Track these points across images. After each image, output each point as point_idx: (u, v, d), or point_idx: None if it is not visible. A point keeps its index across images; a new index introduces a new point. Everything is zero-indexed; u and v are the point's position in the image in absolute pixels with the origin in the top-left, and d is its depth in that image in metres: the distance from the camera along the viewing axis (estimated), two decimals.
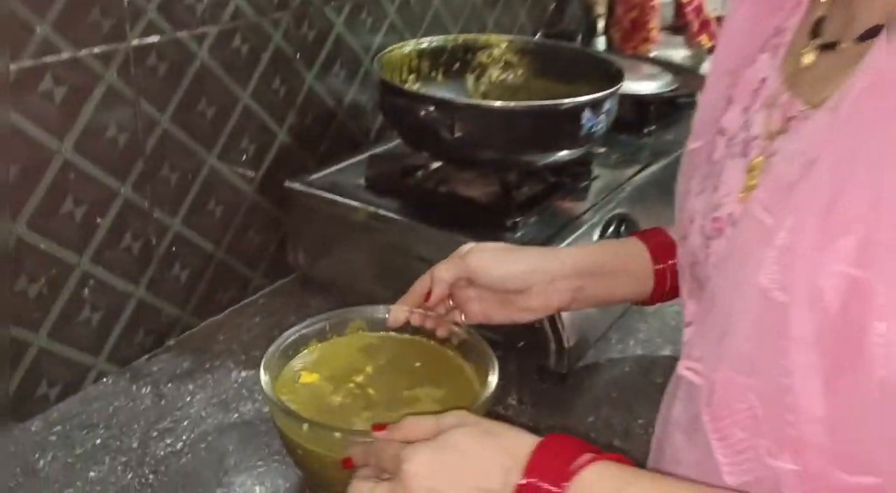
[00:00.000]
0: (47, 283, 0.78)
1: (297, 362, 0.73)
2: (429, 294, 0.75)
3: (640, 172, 1.03)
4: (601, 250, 0.77)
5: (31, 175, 0.74)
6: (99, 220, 0.81)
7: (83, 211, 0.79)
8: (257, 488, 0.73)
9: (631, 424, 0.81)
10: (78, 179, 0.78)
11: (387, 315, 0.76)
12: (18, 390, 0.78)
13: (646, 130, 1.16)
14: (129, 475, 0.74)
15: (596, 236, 0.89)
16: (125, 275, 0.85)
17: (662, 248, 0.73)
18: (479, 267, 0.72)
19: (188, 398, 0.84)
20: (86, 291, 0.82)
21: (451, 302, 0.77)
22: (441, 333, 0.76)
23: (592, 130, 0.89)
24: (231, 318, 0.98)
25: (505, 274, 0.72)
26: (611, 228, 0.91)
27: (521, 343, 0.85)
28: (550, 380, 0.87)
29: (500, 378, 0.68)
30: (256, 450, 0.77)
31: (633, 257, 0.74)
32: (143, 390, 0.85)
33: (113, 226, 0.82)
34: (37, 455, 0.76)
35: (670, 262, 0.73)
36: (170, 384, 0.86)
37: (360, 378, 0.72)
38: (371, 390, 0.70)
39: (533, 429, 0.53)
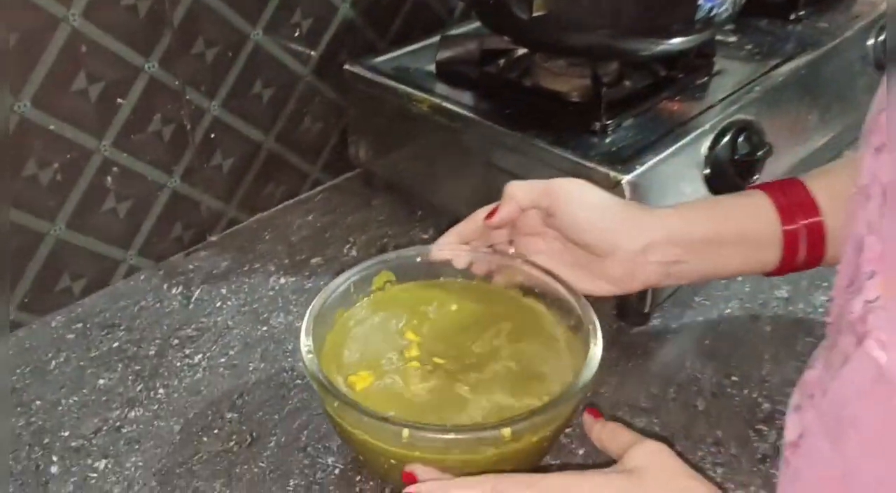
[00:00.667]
0: (61, 169, 0.70)
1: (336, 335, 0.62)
2: (491, 213, 0.61)
3: (777, 67, 0.83)
4: (710, 210, 0.60)
5: (35, 44, 0.65)
6: (120, 100, 0.71)
7: (99, 89, 0.69)
8: (276, 421, 0.64)
9: (722, 382, 0.67)
10: (91, 51, 0.68)
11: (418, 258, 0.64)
12: (37, 282, 0.72)
13: (793, 16, 0.94)
14: (139, 387, 0.67)
15: (705, 148, 0.72)
16: (155, 163, 0.76)
17: (796, 204, 0.57)
18: (565, 197, 0.58)
19: (218, 304, 0.76)
20: (108, 179, 0.74)
21: (512, 250, 0.64)
22: (499, 279, 0.64)
23: (713, 13, 0.70)
24: (282, 215, 0.88)
25: (592, 219, 0.58)
26: (725, 138, 0.73)
27: None
28: (630, 319, 0.73)
29: None
30: (278, 373, 0.68)
31: (754, 214, 0.58)
32: (174, 290, 0.78)
33: (137, 107, 0.73)
34: (50, 355, 0.70)
35: (807, 220, 0.57)
36: (203, 286, 0.78)
37: (413, 337, 0.61)
38: (436, 356, 0.59)
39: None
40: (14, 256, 0.70)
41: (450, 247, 0.64)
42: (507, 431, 0.50)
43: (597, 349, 0.55)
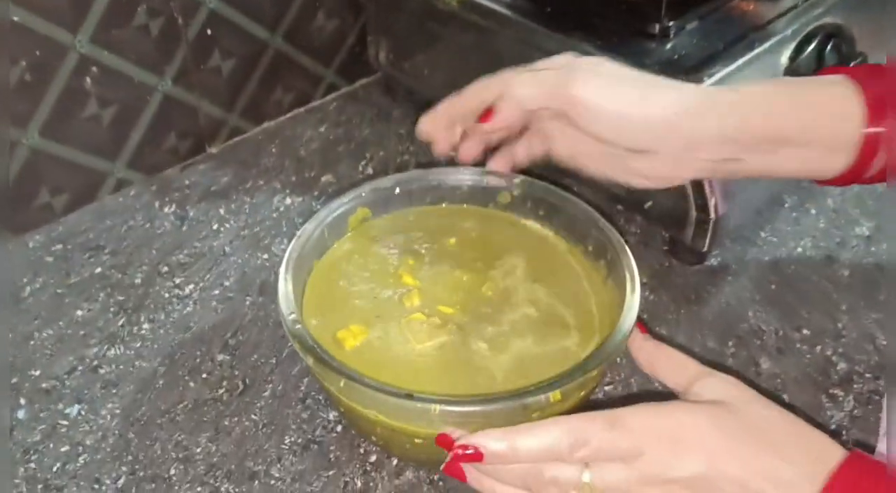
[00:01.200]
0: (30, 68, 0.61)
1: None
2: (486, 114, 0.51)
3: None
4: (777, 99, 0.48)
5: None
6: None
7: None
8: (272, 366, 0.56)
9: (790, 335, 0.57)
10: None
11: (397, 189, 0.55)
12: (11, 198, 0.64)
13: None
14: (121, 321, 0.60)
15: (785, 58, 0.60)
16: (143, 62, 0.66)
17: (889, 96, 0.45)
18: (585, 101, 0.47)
19: (215, 225, 0.67)
20: (87, 80, 0.64)
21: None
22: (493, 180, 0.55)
23: None
24: (290, 125, 0.78)
25: (623, 118, 0.47)
26: (810, 46, 0.61)
27: (650, 204, 0.61)
28: (684, 258, 0.63)
29: None
30: (276, 310, 0.60)
31: (830, 110, 0.47)
32: (167, 208, 0.69)
33: None
34: (25, 280, 0.63)
35: None
36: (199, 205, 0.69)
37: (411, 281, 0.51)
38: (442, 305, 0.50)
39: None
40: None
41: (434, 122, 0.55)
42: (556, 393, 0.41)
43: (635, 283, 0.48)
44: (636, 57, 0.58)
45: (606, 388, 0.54)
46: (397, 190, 0.54)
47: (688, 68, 0.57)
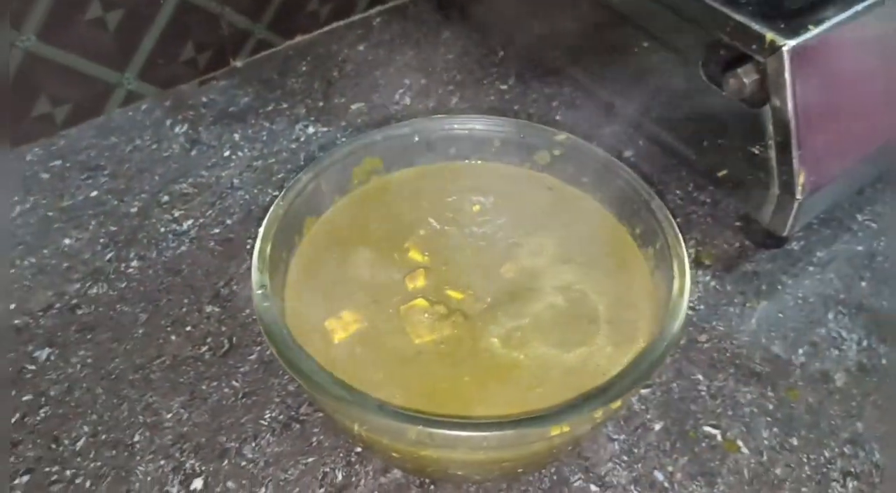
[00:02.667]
0: None
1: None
2: None
3: None
4: None
5: None
6: None
7: None
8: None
9: (876, 348, 0.47)
10: None
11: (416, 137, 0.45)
12: (6, 105, 0.58)
13: None
14: (109, 255, 0.54)
15: None
16: None
17: None
18: None
19: (226, 152, 0.60)
20: None
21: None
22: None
23: None
24: (325, 40, 0.69)
25: None
26: None
27: (724, 172, 0.51)
28: (758, 240, 0.53)
29: (679, 218, 0.40)
30: None
31: None
32: (177, 128, 0.62)
33: None
34: (16, 198, 0.57)
35: None
36: (213, 127, 0.62)
37: (419, 257, 0.43)
38: (450, 288, 0.41)
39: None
40: None
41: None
42: (598, 412, 0.34)
43: (685, 284, 0.38)
44: None
45: (643, 391, 0.46)
46: (416, 138, 0.45)
47: (790, 12, 0.46)
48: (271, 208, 0.41)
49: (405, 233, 0.44)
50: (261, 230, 0.40)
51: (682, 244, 0.40)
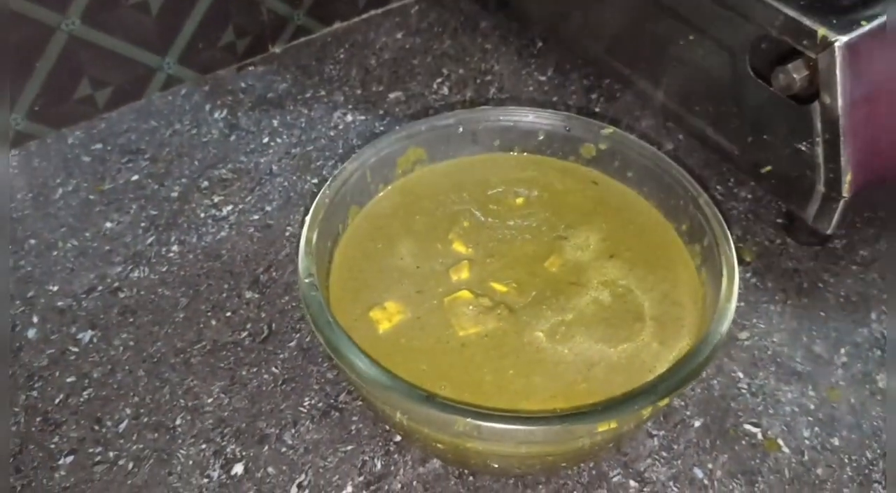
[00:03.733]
0: None
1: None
2: None
3: None
4: None
5: None
6: None
7: None
8: (302, 314, 0.50)
9: None
10: None
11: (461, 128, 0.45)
12: (49, 87, 0.58)
13: None
14: (150, 239, 0.54)
15: None
16: None
17: None
18: None
19: (265, 139, 0.60)
20: None
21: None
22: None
23: None
24: (363, 28, 0.69)
25: None
26: None
27: (768, 168, 0.51)
28: (801, 237, 0.53)
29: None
30: None
31: None
32: (216, 113, 0.62)
33: None
34: (59, 180, 0.57)
35: None
36: (251, 113, 0.62)
37: (463, 248, 0.43)
38: (495, 281, 0.41)
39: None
40: (17, 52, 0.56)
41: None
42: (646, 410, 0.34)
43: (733, 288, 0.37)
44: None
45: None
46: (461, 129, 0.45)
47: (842, 7, 0.45)
48: (318, 196, 0.41)
49: (448, 224, 0.44)
50: (307, 219, 0.40)
51: (731, 242, 0.39)
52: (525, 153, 0.47)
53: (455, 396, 0.36)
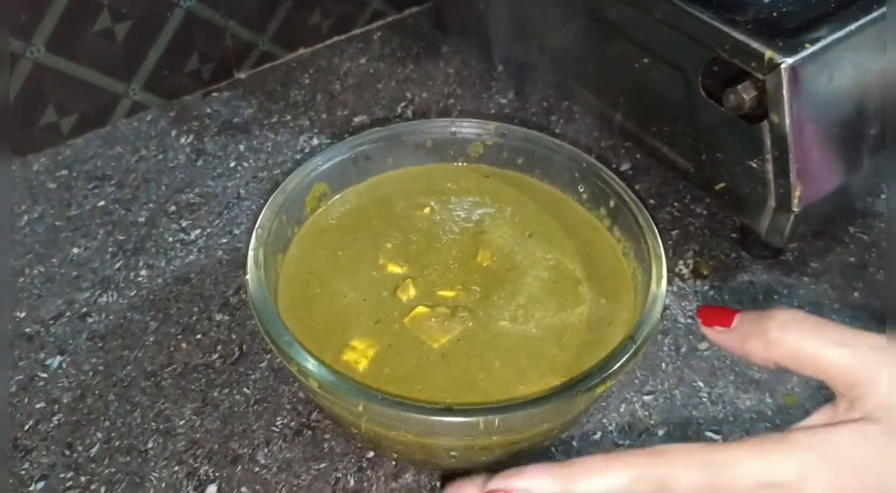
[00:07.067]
0: None
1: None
2: None
3: None
4: None
5: None
6: None
7: None
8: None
9: None
10: None
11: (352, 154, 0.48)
12: (13, 114, 0.58)
13: None
14: (118, 264, 0.54)
15: None
16: None
17: None
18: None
19: (232, 163, 0.61)
20: None
21: None
22: None
23: None
24: (327, 54, 0.71)
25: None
26: None
27: (722, 185, 0.53)
28: (755, 251, 0.55)
29: (677, 230, 0.42)
30: None
31: None
32: (183, 139, 0.63)
33: None
34: (24, 207, 0.57)
35: None
36: (218, 138, 0.63)
37: (398, 268, 0.44)
38: (440, 289, 0.43)
39: None
40: None
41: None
42: (629, 364, 0.37)
43: (655, 233, 0.42)
44: (728, 12, 0.49)
45: (646, 398, 0.47)
46: (353, 155, 0.47)
47: (787, 30, 0.48)
48: (249, 254, 0.41)
49: (373, 250, 0.45)
50: (252, 279, 0.40)
51: (639, 202, 0.43)
52: (418, 165, 0.49)
53: (460, 401, 0.37)
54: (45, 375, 0.48)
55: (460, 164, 0.49)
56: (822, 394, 0.47)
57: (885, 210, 0.57)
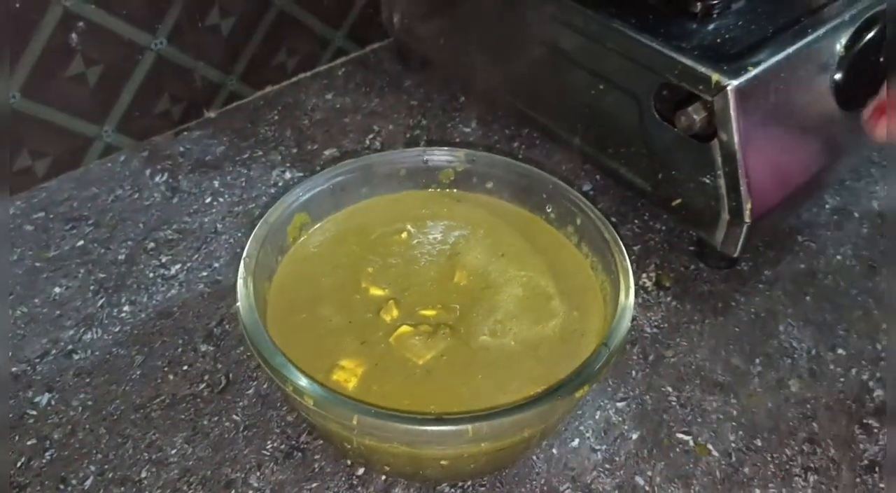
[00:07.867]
0: (11, 20, 0.56)
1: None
2: None
3: None
4: None
5: None
6: None
7: None
8: (258, 363, 0.52)
9: (824, 355, 0.52)
10: None
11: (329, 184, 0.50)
12: None
13: None
14: (101, 301, 0.55)
15: (840, 47, 0.54)
16: (133, 19, 0.61)
17: None
18: None
19: (207, 199, 0.63)
20: (73, 36, 0.59)
21: None
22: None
23: None
24: (293, 91, 0.73)
25: None
26: (869, 35, 0.55)
27: (678, 201, 0.56)
28: (712, 262, 0.58)
29: (638, 245, 0.45)
30: None
31: None
32: (157, 178, 0.64)
33: None
34: (2, 250, 0.58)
35: None
36: (191, 175, 0.65)
37: (380, 291, 0.47)
38: (421, 308, 0.46)
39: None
40: None
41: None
42: (585, 388, 0.39)
43: (620, 247, 0.46)
44: (674, 39, 0.53)
45: (619, 404, 0.50)
46: (331, 186, 0.49)
47: (731, 55, 0.51)
48: (238, 283, 0.43)
49: (355, 275, 0.47)
50: (243, 308, 0.42)
51: (604, 219, 0.47)
52: (391, 193, 0.51)
53: (446, 412, 0.39)
54: (34, 412, 0.49)
55: (433, 190, 0.52)
56: (781, 393, 0.50)
57: (884, 210, 0.61)
